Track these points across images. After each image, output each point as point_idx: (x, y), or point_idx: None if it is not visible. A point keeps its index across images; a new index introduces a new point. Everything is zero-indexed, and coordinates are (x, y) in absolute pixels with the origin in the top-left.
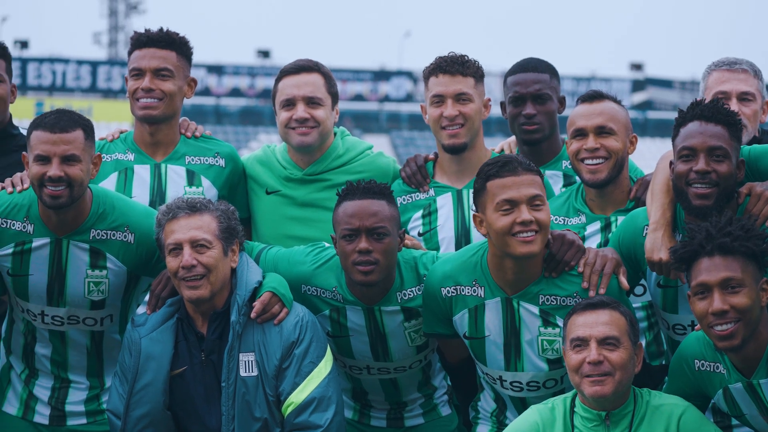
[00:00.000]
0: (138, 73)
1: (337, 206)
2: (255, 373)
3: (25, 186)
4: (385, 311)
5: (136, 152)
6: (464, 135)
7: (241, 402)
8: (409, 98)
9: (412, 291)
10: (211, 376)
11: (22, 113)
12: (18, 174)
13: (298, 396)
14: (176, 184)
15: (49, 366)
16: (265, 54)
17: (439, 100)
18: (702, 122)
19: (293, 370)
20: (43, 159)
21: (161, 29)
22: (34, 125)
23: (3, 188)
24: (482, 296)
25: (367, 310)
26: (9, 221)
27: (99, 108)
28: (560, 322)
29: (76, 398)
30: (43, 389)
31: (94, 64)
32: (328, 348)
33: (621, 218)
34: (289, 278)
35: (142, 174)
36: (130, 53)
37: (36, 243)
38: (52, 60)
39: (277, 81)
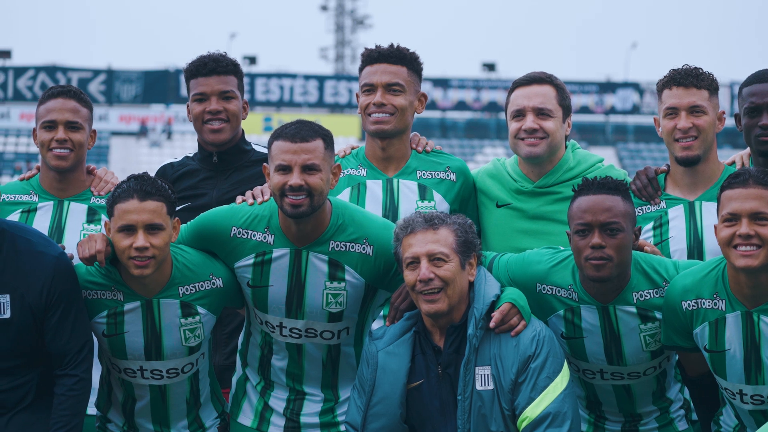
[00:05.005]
0: (370, 88)
1: (572, 202)
2: (491, 386)
3: (266, 198)
4: (620, 310)
5: (368, 167)
6: (698, 147)
7: (477, 416)
8: (635, 110)
9: (648, 293)
10: (448, 389)
11: (251, 128)
12: (258, 186)
13: (533, 411)
14: (408, 199)
15: (284, 378)
16: (490, 67)
17: (672, 112)
18: None
19: (529, 385)
20: (284, 168)
21: (392, 45)
22: (275, 136)
23: (244, 201)
24: (723, 310)
25: (601, 309)
26: (250, 232)
27: (326, 122)
28: None
29: (311, 410)
30: (278, 401)
31: (321, 79)
32: (565, 363)
33: None
34: (523, 280)
35: (375, 189)
36: (361, 69)
37: (276, 253)
38: (279, 75)
39: (510, 92)
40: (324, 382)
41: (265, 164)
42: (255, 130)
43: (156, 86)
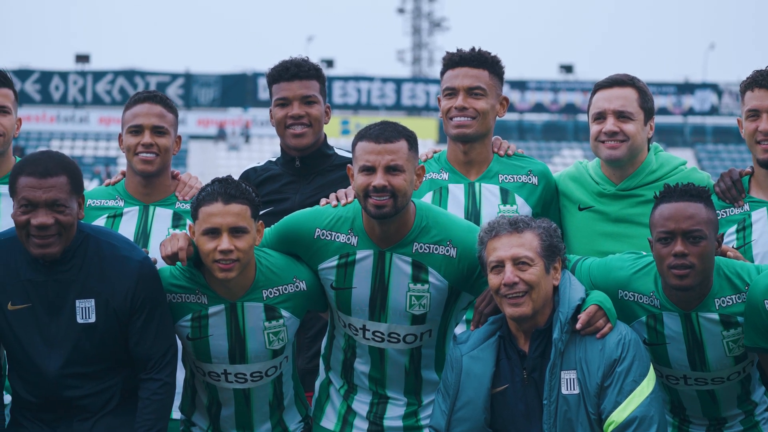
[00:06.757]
0: (451, 92)
1: (654, 209)
2: (577, 391)
3: (350, 200)
4: (703, 317)
5: (450, 171)
6: None
7: (563, 420)
8: (713, 111)
9: (730, 299)
10: (533, 394)
11: (328, 131)
12: (342, 189)
13: (619, 415)
14: (490, 203)
15: (367, 382)
16: (568, 69)
17: (754, 114)
18: None
19: (615, 389)
20: (368, 169)
21: (473, 48)
22: (359, 137)
23: (328, 203)
24: None
25: (684, 317)
26: (334, 233)
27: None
28: None
29: (394, 414)
30: (361, 404)
31: (398, 82)
32: (651, 367)
33: None
34: (605, 285)
35: (457, 193)
36: (442, 73)
37: (360, 255)
38: (357, 78)
39: (592, 94)
40: (407, 387)
41: (349, 165)
42: (332, 133)
43: (234, 90)
